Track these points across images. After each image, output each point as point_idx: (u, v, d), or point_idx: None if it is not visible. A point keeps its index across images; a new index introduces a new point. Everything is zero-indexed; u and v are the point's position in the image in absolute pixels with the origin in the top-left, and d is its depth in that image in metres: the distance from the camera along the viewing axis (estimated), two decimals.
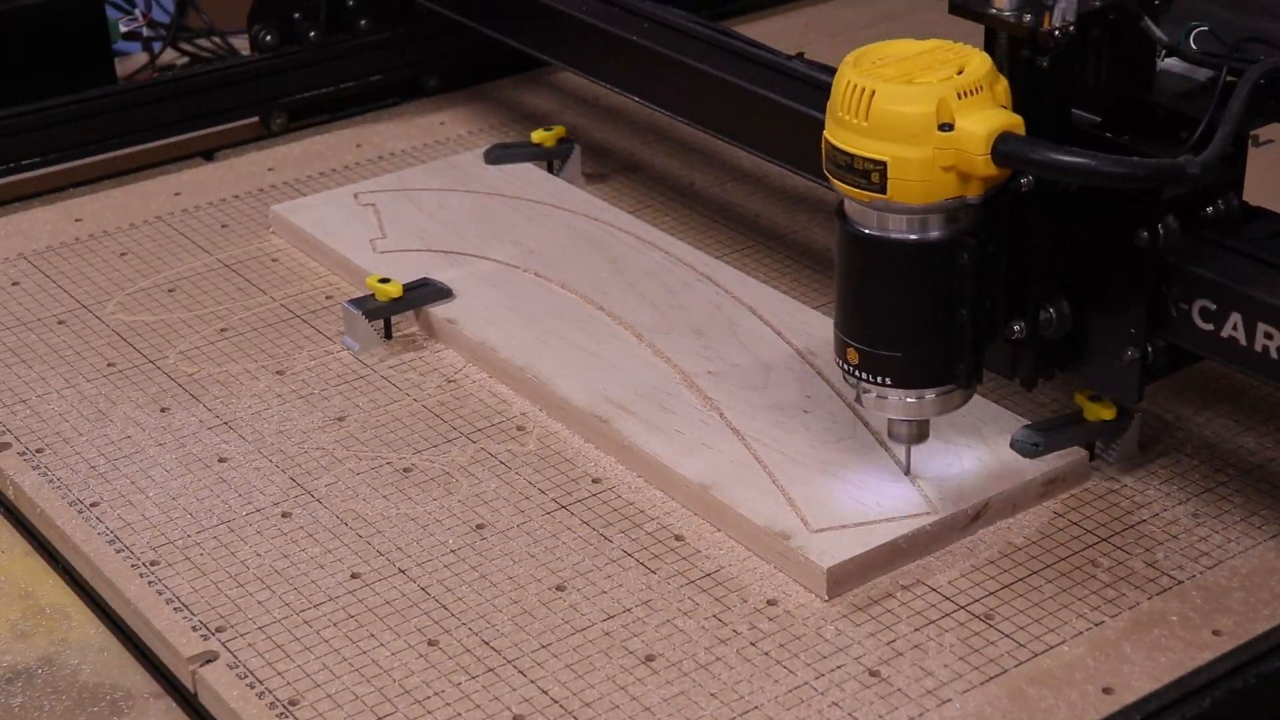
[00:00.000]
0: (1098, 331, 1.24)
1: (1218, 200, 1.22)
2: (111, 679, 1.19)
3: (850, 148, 1.13)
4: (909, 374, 1.19)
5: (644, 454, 1.33)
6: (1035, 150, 1.11)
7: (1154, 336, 1.22)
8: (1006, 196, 1.17)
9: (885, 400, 1.21)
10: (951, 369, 1.19)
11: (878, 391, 1.21)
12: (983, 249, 1.16)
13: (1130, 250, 1.20)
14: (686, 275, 1.56)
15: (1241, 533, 1.26)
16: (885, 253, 1.16)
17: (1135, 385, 1.23)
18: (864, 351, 1.19)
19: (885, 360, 1.19)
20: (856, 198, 1.15)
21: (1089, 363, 1.26)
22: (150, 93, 1.86)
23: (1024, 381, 1.27)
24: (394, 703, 1.13)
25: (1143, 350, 1.22)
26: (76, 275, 1.65)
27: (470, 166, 1.78)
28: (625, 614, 1.20)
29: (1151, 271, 1.20)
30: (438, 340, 1.52)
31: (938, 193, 1.13)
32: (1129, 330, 1.22)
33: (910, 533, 1.23)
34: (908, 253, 1.16)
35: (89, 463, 1.37)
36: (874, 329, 1.19)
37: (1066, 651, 1.16)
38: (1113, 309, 1.23)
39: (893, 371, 1.19)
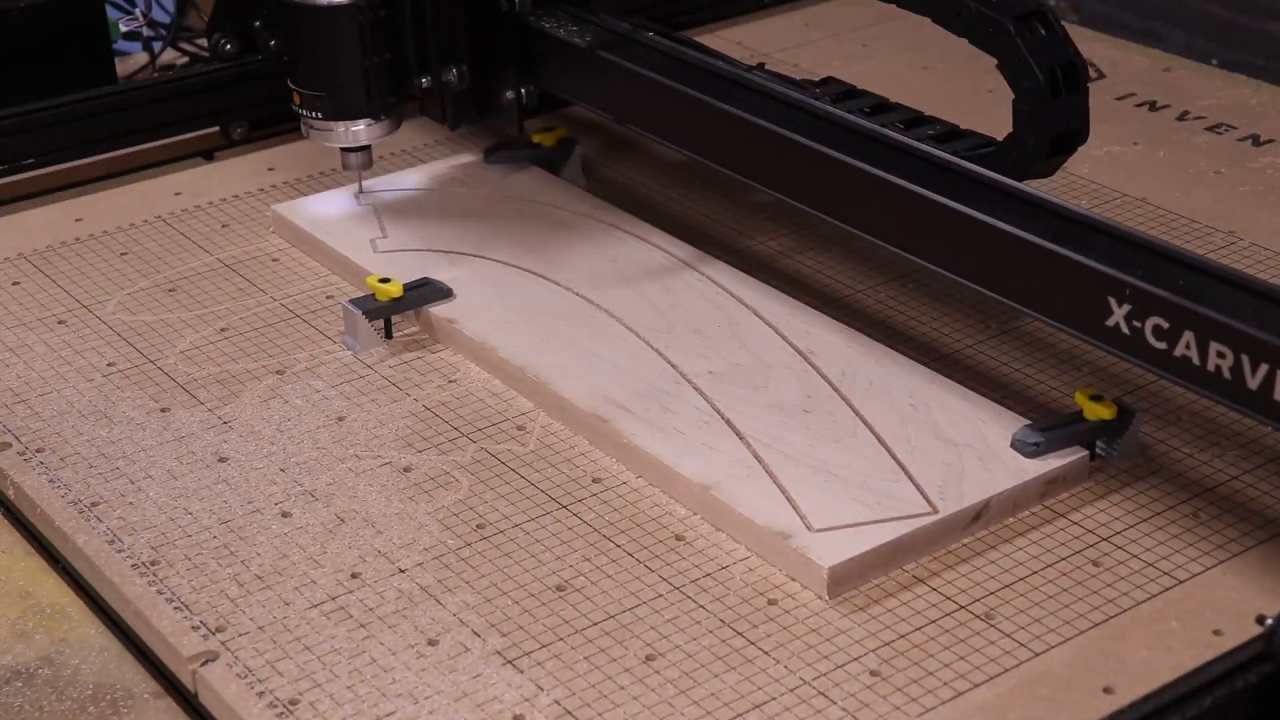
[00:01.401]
0: (490, 80, 1.69)
1: None
2: (111, 679, 1.19)
3: None
4: (334, 108, 1.61)
5: (644, 454, 1.33)
6: None
7: (525, 83, 1.68)
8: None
9: (332, 133, 1.63)
10: (367, 106, 1.62)
11: (326, 127, 1.62)
12: (374, 13, 1.59)
13: (498, 16, 1.66)
14: (686, 275, 1.56)
15: (1242, 532, 1.26)
16: (308, 15, 1.59)
17: (516, 119, 1.70)
18: (303, 93, 1.61)
19: (317, 99, 1.61)
20: None
21: (490, 108, 1.71)
22: (150, 93, 1.86)
23: (450, 124, 1.72)
24: (394, 702, 1.13)
25: (518, 92, 1.68)
26: (76, 275, 1.65)
27: (470, 166, 1.78)
28: (625, 614, 1.20)
29: (514, 29, 1.66)
30: (438, 340, 1.52)
31: None
32: (507, 78, 1.68)
33: (910, 533, 1.23)
34: (320, 15, 1.59)
35: (89, 463, 1.37)
36: (307, 75, 1.61)
37: (1066, 651, 1.16)
38: (494, 63, 1.68)
39: (323, 107, 1.61)
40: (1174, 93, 1.96)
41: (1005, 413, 1.35)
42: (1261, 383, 1.13)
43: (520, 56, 1.67)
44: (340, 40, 1.59)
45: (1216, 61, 2.05)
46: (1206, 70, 2.05)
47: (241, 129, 1.90)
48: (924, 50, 2.04)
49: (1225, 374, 1.15)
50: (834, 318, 1.50)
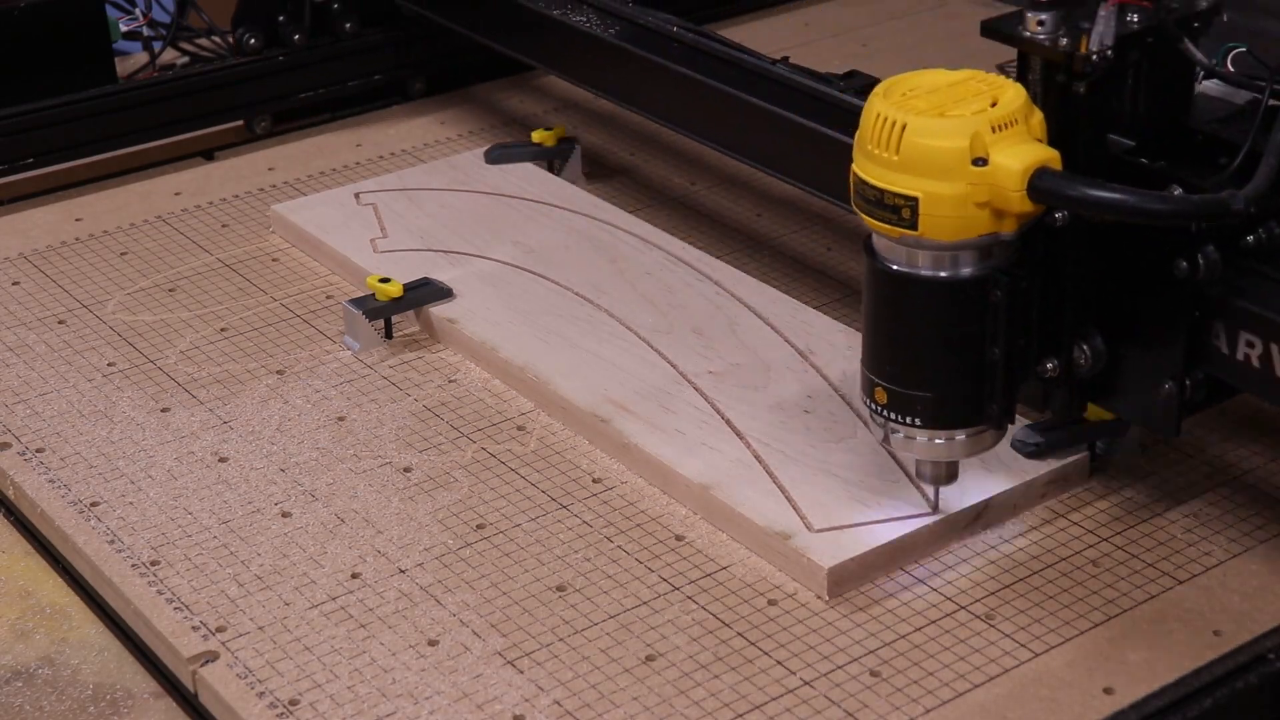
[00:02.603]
0: (1134, 364, 1.20)
1: (1259, 229, 1.15)
2: (112, 679, 1.19)
3: (880, 182, 1.09)
4: (939, 414, 1.16)
5: (644, 454, 1.33)
6: (1072, 187, 1.07)
7: (1192, 369, 1.17)
8: (1040, 231, 1.14)
9: (914, 441, 1.18)
10: (983, 409, 1.16)
11: (906, 432, 1.18)
12: (1016, 286, 1.13)
13: (1168, 281, 1.15)
14: (686, 275, 1.56)
15: (1242, 533, 1.26)
16: (916, 290, 1.13)
17: (1174, 419, 1.19)
18: (893, 391, 1.16)
19: (915, 400, 1.16)
20: (887, 234, 1.12)
21: (1125, 395, 1.22)
22: (150, 93, 1.86)
23: (1056, 415, 1.26)
24: (394, 702, 1.13)
25: (1180, 384, 1.18)
26: (76, 275, 1.65)
27: (470, 166, 1.78)
28: (625, 614, 1.20)
29: (1190, 303, 1.15)
30: (438, 340, 1.52)
31: (971, 229, 1.09)
32: (1166, 363, 1.18)
33: (910, 533, 1.23)
34: (939, 290, 1.13)
35: (89, 463, 1.37)
36: (903, 368, 1.15)
37: (1066, 651, 1.16)
38: (1149, 342, 1.19)
39: (922, 412, 1.16)
40: None
41: None
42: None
43: (1191, 336, 1.17)
44: (966, 325, 1.14)
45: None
46: None
47: (265, 122, 1.91)
48: (924, 50, 2.04)
49: (1254, 363, 1.13)
50: (834, 318, 1.50)
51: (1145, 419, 1.22)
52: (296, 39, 1.90)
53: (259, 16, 1.90)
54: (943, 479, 1.22)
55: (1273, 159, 1.07)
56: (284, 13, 1.90)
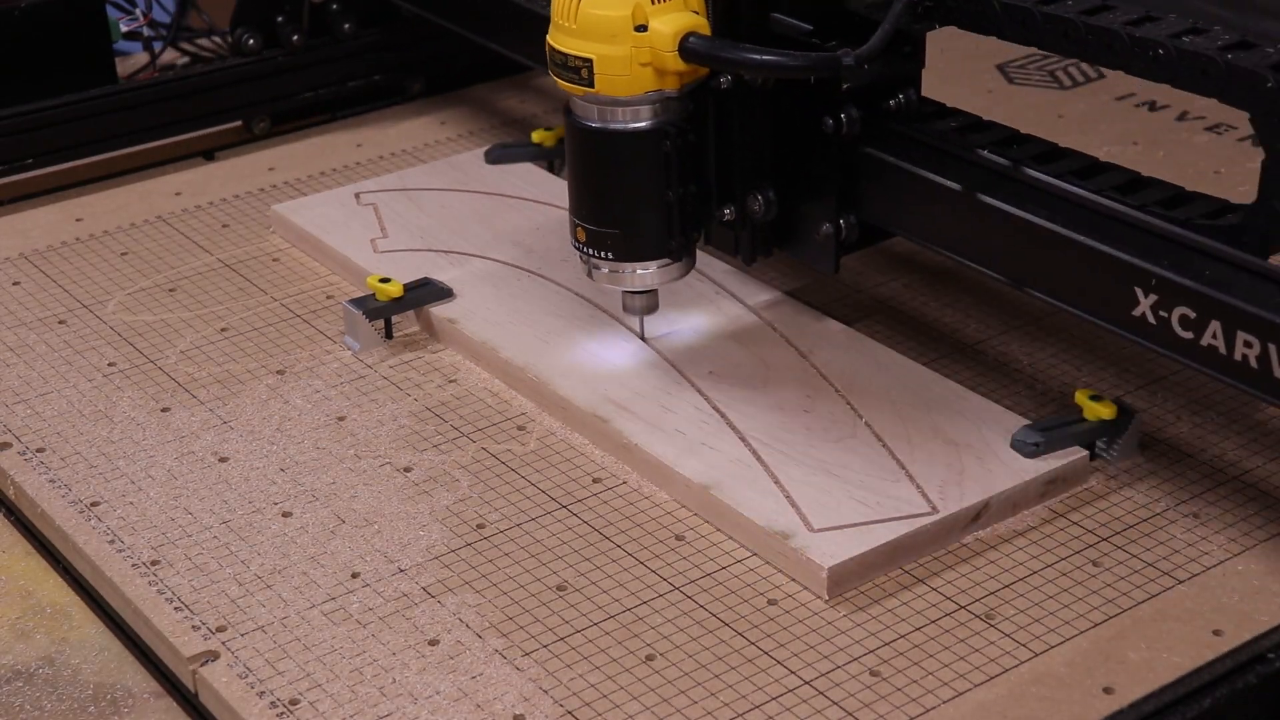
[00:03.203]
0: (799, 211, 1.42)
1: (898, 95, 1.38)
2: (112, 678, 1.20)
3: (565, 48, 1.31)
4: (628, 248, 1.37)
5: (644, 454, 1.33)
6: (715, 47, 1.28)
7: (845, 214, 1.40)
8: (709, 94, 1.36)
9: (615, 274, 1.38)
10: (666, 245, 1.37)
11: (609, 267, 1.38)
12: (684, 138, 1.33)
13: (819, 137, 1.38)
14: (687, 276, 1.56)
15: (1242, 533, 1.26)
16: (602, 142, 1.34)
17: (832, 257, 1.42)
18: (590, 230, 1.37)
19: (606, 237, 1.36)
20: (574, 92, 1.33)
21: (794, 239, 1.44)
22: (150, 93, 1.86)
23: (744, 258, 1.45)
24: (394, 702, 1.13)
25: (836, 226, 1.40)
26: (77, 275, 1.65)
27: (470, 166, 1.78)
28: (625, 614, 1.20)
29: (839, 155, 1.38)
30: (438, 340, 1.52)
31: (638, 86, 1.30)
32: (823, 209, 1.40)
33: (910, 533, 1.23)
34: (620, 141, 1.33)
35: (89, 462, 1.37)
36: (596, 209, 1.36)
37: (1066, 651, 1.16)
38: (810, 191, 1.41)
39: (613, 247, 1.36)
40: (1174, 93, 1.95)
41: (1005, 413, 1.35)
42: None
43: (843, 183, 1.39)
44: (643, 170, 1.34)
45: None
46: None
47: (264, 123, 1.91)
48: None
49: (1252, 363, 1.15)
50: (834, 318, 1.50)
51: (811, 258, 1.44)
52: (295, 40, 1.90)
53: (257, 17, 1.90)
54: (643, 309, 1.43)
55: (887, 26, 1.26)
56: (283, 13, 1.90)
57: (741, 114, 1.38)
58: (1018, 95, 1.91)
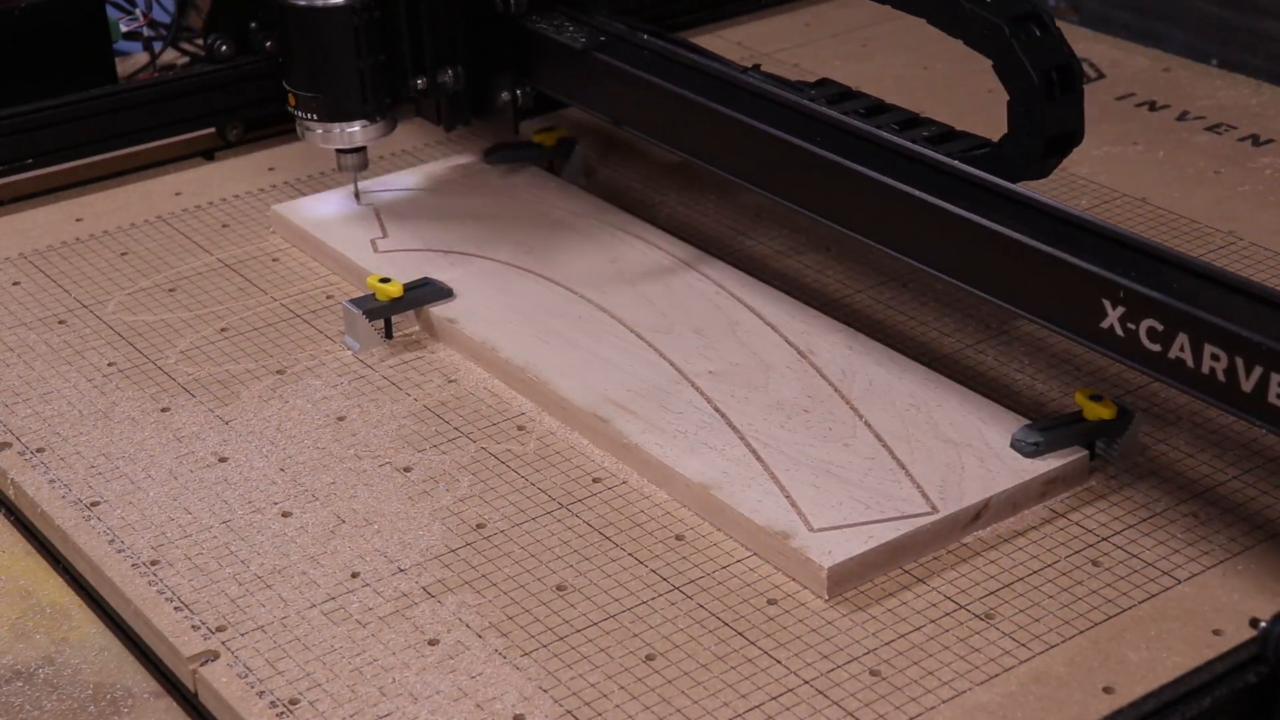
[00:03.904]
0: (484, 82, 1.69)
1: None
2: (112, 678, 1.20)
3: None
4: (330, 110, 1.61)
5: (644, 454, 1.33)
6: None
7: (521, 84, 1.67)
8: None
9: (328, 134, 1.62)
10: (362, 107, 1.61)
11: (319, 128, 1.62)
12: (370, 15, 1.59)
13: (494, 17, 1.65)
14: (686, 275, 1.56)
15: (1242, 532, 1.26)
16: (303, 17, 1.59)
17: (511, 121, 1.69)
18: (299, 95, 1.61)
19: (312, 100, 1.61)
20: None
21: (482, 107, 1.71)
22: (150, 93, 1.86)
23: (445, 126, 1.71)
24: (394, 702, 1.13)
25: (514, 94, 1.67)
26: (77, 275, 1.65)
27: (470, 166, 1.78)
28: (625, 614, 1.20)
29: (510, 33, 1.66)
30: (438, 340, 1.52)
31: None
32: (502, 80, 1.67)
33: (910, 532, 1.23)
34: (317, 16, 1.58)
35: (89, 462, 1.37)
36: (303, 76, 1.61)
37: (1066, 651, 1.16)
38: (491, 63, 1.68)
39: (319, 109, 1.61)
40: (1174, 93, 1.96)
41: (1005, 413, 1.35)
42: (1255, 385, 1.13)
43: (516, 58, 1.67)
44: (335, 41, 1.59)
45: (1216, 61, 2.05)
46: (1206, 70, 2.05)
47: (237, 130, 1.90)
48: (923, 51, 2.04)
49: (1220, 376, 1.15)
50: (834, 318, 1.51)
51: (496, 124, 1.71)
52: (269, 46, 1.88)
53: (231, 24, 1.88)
54: (355, 166, 1.66)
55: None
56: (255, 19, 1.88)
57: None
58: None
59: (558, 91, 1.68)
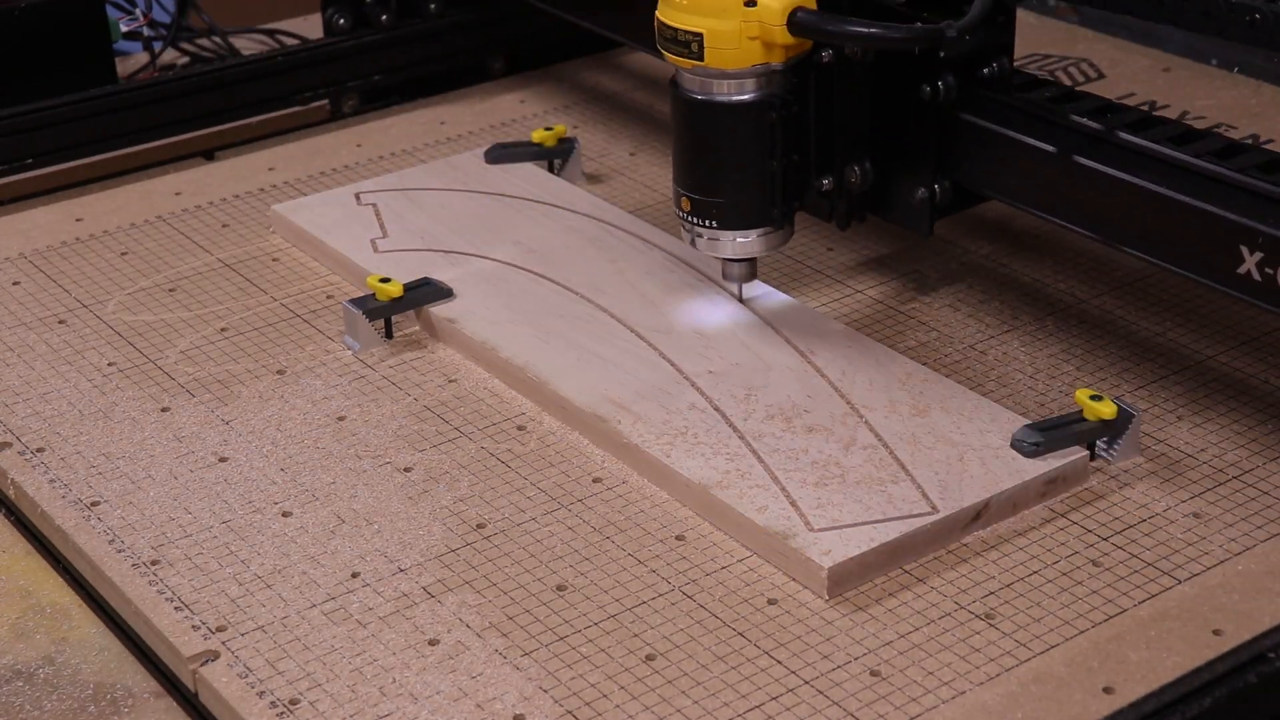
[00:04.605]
0: (895, 177, 1.48)
1: (992, 63, 1.44)
2: (112, 678, 1.20)
3: (675, 23, 1.36)
4: (732, 217, 1.42)
5: (644, 454, 1.33)
6: (824, 21, 1.34)
7: (940, 178, 1.46)
8: (812, 68, 1.42)
9: (717, 242, 1.44)
10: (768, 213, 1.43)
11: (709, 235, 1.43)
12: (788, 109, 1.40)
13: (918, 105, 1.44)
14: (686, 275, 1.56)
15: (1241, 533, 1.26)
16: (709, 113, 1.40)
17: (927, 220, 1.48)
18: (695, 199, 1.42)
19: (711, 205, 1.42)
20: (683, 65, 1.38)
21: (890, 204, 1.50)
22: (150, 93, 1.86)
23: (838, 224, 1.51)
24: (394, 702, 1.13)
25: (931, 190, 1.46)
26: (77, 275, 1.65)
27: (470, 166, 1.78)
28: (625, 614, 1.20)
29: (935, 122, 1.44)
30: (438, 340, 1.52)
31: (746, 59, 1.36)
32: (919, 173, 1.46)
33: (910, 533, 1.23)
34: (725, 112, 1.39)
35: (89, 462, 1.37)
36: (702, 179, 1.42)
37: (1066, 651, 1.16)
38: (905, 157, 1.47)
39: (718, 215, 1.42)
40: (1174, 93, 1.96)
41: (1005, 413, 1.35)
42: None
43: (939, 151, 1.45)
44: (746, 141, 1.40)
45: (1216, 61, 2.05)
46: (1206, 70, 2.05)
47: (353, 101, 1.93)
48: None
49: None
50: (834, 318, 1.50)
51: (906, 222, 1.50)
52: (384, 19, 1.95)
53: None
54: (743, 276, 1.48)
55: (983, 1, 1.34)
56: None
57: (841, 87, 1.44)
58: None
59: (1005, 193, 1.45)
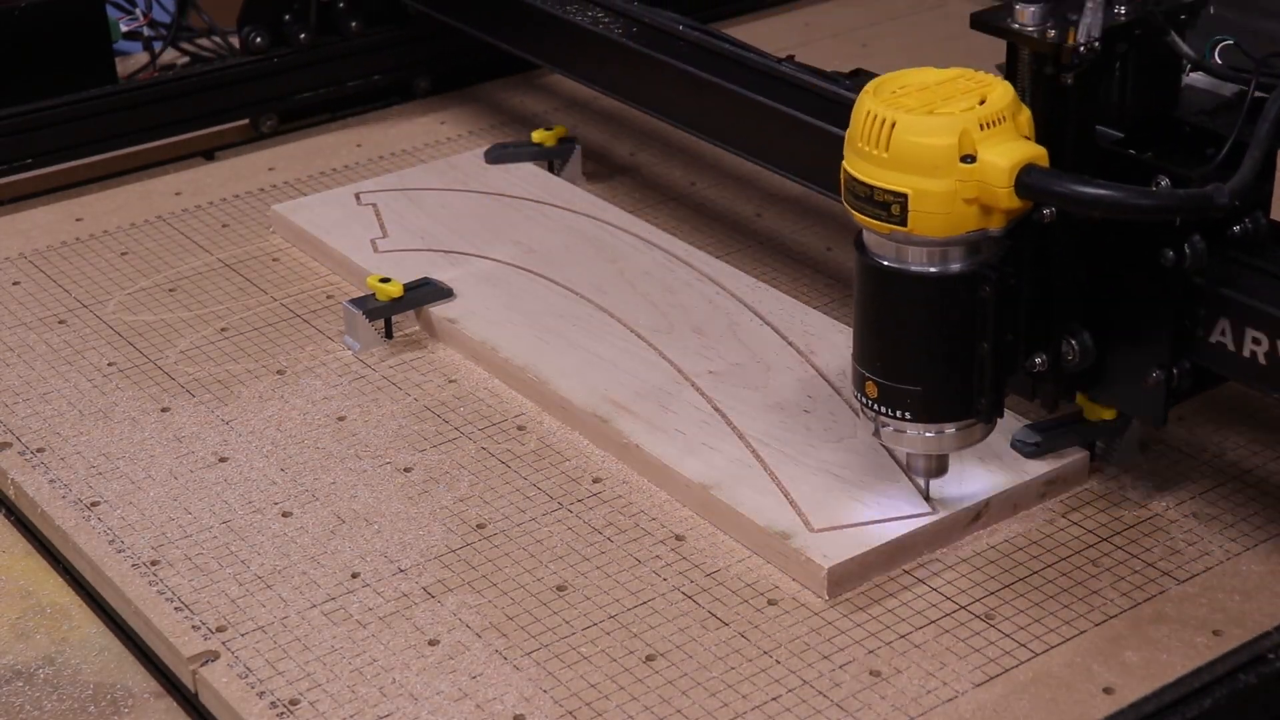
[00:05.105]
0: (1121, 354, 1.22)
1: (1245, 220, 1.16)
2: (112, 678, 1.19)
3: (870, 179, 1.11)
4: (929, 408, 1.17)
5: (644, 454, 1.33)
6: (1059, 183, 1.09)
7: (1180, 358, 1.19)
8: (1028, 228, 1.15)
9: (904, 435, 1.19)
10: (972, 404, 1.18)
11: (896, 425, 1.19)
12: (1004, 282, 1.14)
13: (1155, 272, 1.17)
14: (686, 275, 1.56)
15: (1241, 533, 1.26)
16: (905, 285, 1.14)
17: (1161, 407, 1.20)
18: (883, 385, 1.17)
19: (904, 394, 1.17)
20: (877, 229, 1.13)
21: (1113, 384, 1.23)
22: (150, 93, 1.86)
23: (1045, 405, 1.26)
24: (394, 702, 1.13)
25: (1168, 372, 1.19)
26: (77, 275, 1.65)
27: (470, 166, 1.78)
28: (625, 614, 1.20)
29: (1177, 292, 1.17)
30: (438, 340, 1.52)
31: (959, 225, 1.11)
32: (1154, 352, 1.19)
33: (910, 533, 1.23)
34: (928, 285, 1.14)
35: (89, 462, 1.37)
36: (893, 362, 1.17)
37: (1066, 651, 1.16)
38: (1137, 331, 1.20)
39: (912, 406, 1.17)
40: None
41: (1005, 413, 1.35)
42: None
43: (1176, 325, 1.18)
44: (956, 320, 1.15)
45: None
46: None
47: (271, 122, 1.92)
48: (923, 50, 2.04)
49: (1260, 360, 1.14)
50: (834, 318, 1.50)
51: (1133, 408, 1.24)
52: (302, 38, 1.91)
53: (266, 16, 1.90)
54: (933, 471, 1.23)
55: (1257, 152, 1.08)
56: (290, 11, 1.91)
57: (1062, 250, 1.20)
58: None
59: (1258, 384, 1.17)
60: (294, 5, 1.91)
